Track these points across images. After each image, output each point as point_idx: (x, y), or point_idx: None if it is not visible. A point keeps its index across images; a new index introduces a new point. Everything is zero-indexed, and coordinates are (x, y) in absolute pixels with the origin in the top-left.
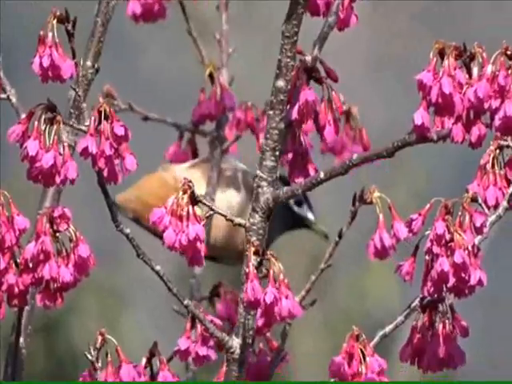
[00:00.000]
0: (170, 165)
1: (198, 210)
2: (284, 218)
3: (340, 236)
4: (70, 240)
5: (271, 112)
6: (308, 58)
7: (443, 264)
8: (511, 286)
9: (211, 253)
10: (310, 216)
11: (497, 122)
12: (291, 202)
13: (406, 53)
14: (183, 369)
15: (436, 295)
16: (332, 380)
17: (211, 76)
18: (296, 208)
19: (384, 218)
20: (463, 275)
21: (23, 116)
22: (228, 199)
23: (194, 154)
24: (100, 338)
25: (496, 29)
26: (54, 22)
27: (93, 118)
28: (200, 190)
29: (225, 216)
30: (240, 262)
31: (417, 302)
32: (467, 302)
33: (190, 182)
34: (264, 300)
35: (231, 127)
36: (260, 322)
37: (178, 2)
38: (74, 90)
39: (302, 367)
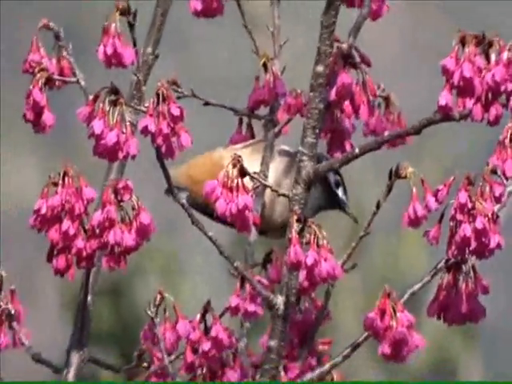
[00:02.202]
0: (228, 146)
1: (249, 183)
2: (323, 197)
3: (378, 207)
4: (133, 209)
5: (312, 94)
6: (344, 46)
7: (466, 229)
8: None
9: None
10: (345, 200)
11: None
12: (332, 183)
13: (431, 41)
14: (238, 326)
15: (459, 257)
16: (366, 333)
17: (265, 66)
18: (336, 190)
19: (416, 191)
20: (483, 239)
21: (90, 98)
22: (277, 176)
23: (253, 137)
24: (159, 296)
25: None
26: (117, 14)
27: (152, 100)
28: (252, 167)
29: (270, 187)
30: (282, 235)
31: (442, 263)
32: (488, 262)
33: (240, 157)
34: (305, 262)
35: (283, 111)
36: (304, 284)
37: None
38: (135, 74)
39: (343, 323)
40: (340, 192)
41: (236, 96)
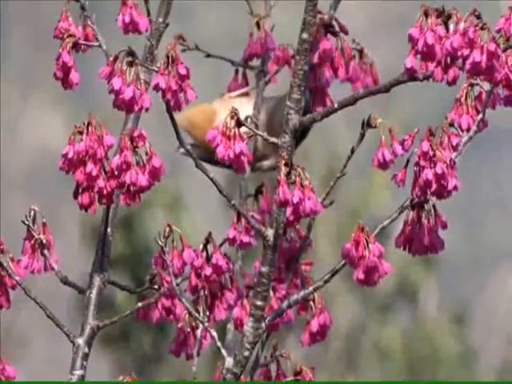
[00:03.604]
0: (225, 93)
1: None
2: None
3: (352, 152)
4: (146, 154)
5: (297, 57)
6: (326, 17)
7: (428, 174)
8: (478, 189)
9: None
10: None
11: (467, 66)
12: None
13: (400, 13)
14: (235, 254)
15: (422, 197)
16: (343, 261)
17: (257, 24)
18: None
19: (385, 138)
20: (443, 182)
21: (110, 59)
22: (267, 121)
23: (247, 85)
24: (168, 228)
25: None
26: None
27: (163, 61)
28: (245, 111)
29: (262, 136)
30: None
31: (408, 202)
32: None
33: (237, 109)
34: (292, 200)
35: (272, 63)
36: (290, 218)
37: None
38: (149, 40)
39: (323, 251)
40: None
41: (233, 51)
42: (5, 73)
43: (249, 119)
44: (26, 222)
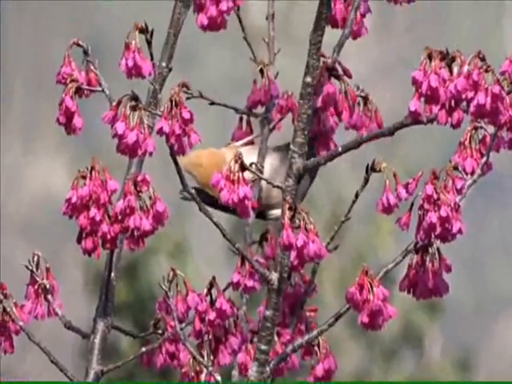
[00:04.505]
0: (230, 142)
1: (248, 175)
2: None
3: (356, 196)
4: (150, 198)
5: (301, 101)
6: (329, 60)
7: (432, 217)
8: (483, 233)
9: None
10: None
11: (472, 109)
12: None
13: (402, 57)
14: (238, 298)
15: (427, 241)
16: (347, 305)
17: (261, 71)
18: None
19: (389, 183)
20: (447, 225)
21: (114, 104)
22: (272, 167)
23: (251, 133)
24: (172, 273)
25: (472, 36)
26: (136, 32)
27: (166, 105)
28: (250, 159)
29: (266, 180)
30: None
31: (412, 246)
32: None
33: (241, 153)
34: (296, 244)
35: (276, 111)
36: (294, 262)
37: (235, 15)
38: (152, 84)
39: (327, 296)
40: None
41: (236, 97)
42: (7, 117)
43: (253, 165)
44: (30, 267)
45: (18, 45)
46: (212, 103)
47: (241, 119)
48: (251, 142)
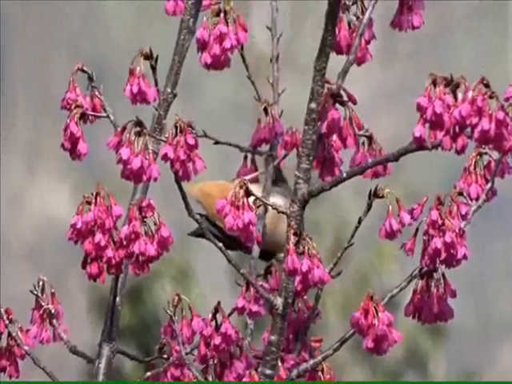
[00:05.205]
0: (235, 178)
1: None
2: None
3: (359, 222)
4: (155, 224)
5: (306, 127)
6: (334, 86)
7: (437, 242)
8: (488, 257)
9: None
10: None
11: (476, 135)
12: None
13: (406, 82)
14: (243, 327)
15: (431, 266)
16: (352, 330)
17: (265, 110)
18: None
19: (392, 208)
20: (452, 251)
21: (118, 130)
22: (276, 200)
23: (256, 170)
24: (176, 298)
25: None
26: (141, 58)
27: (171, 131)
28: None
29: (271, 205)
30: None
31: (417, 271)
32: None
33: (246, 180)
34: (301, 269)
35: (281, 148)
36: (299, 287)
37: (239, 53)
38: (157, 110)
39: (331, 320)
40: None
41: (239, 124)
42: (10, 142)
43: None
44: (35, 292)
45: (20, 65)
46: (216, 142)
47: (245, 157)
48: (256, 180)
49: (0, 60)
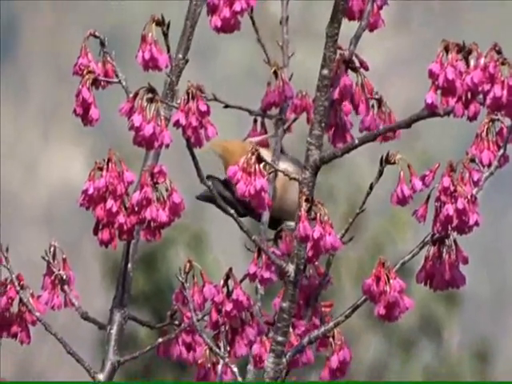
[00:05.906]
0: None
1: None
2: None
3: (371, 188)
4: (166, 190)
5: (318, 93)
6: (346, 53)
7: (449, 209)
8: (502, 226)
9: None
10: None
11: (488, 101)
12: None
13: (419, 49)
14: (253, 293)
15: (443, 232)
16: (364, 297)
17: (275, 73)
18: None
19: (404, 174)
20: (464, 218)
21: (130, 96)
22: (285, 166)
23: (266, 133)
24: (188, 264)
25: (489, 28)
26: (153, 24)
27: (183, 98)
28: (266, 157)
29: (282, 172)
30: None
31: (429, 237)
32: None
33: (257, 146)
34: (312, 236)
35: (290, 111)
36: (310, 254)
37: (249, 17)
38: (169, 76)
39: (345, 287)
40: None
41: (253, 89)
42: (25, 109)
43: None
44: (46, 258)
45: (34, 33)
46: (226, 106)
47: (255, 121)
48: (266, 144)
49: (15, 27)
